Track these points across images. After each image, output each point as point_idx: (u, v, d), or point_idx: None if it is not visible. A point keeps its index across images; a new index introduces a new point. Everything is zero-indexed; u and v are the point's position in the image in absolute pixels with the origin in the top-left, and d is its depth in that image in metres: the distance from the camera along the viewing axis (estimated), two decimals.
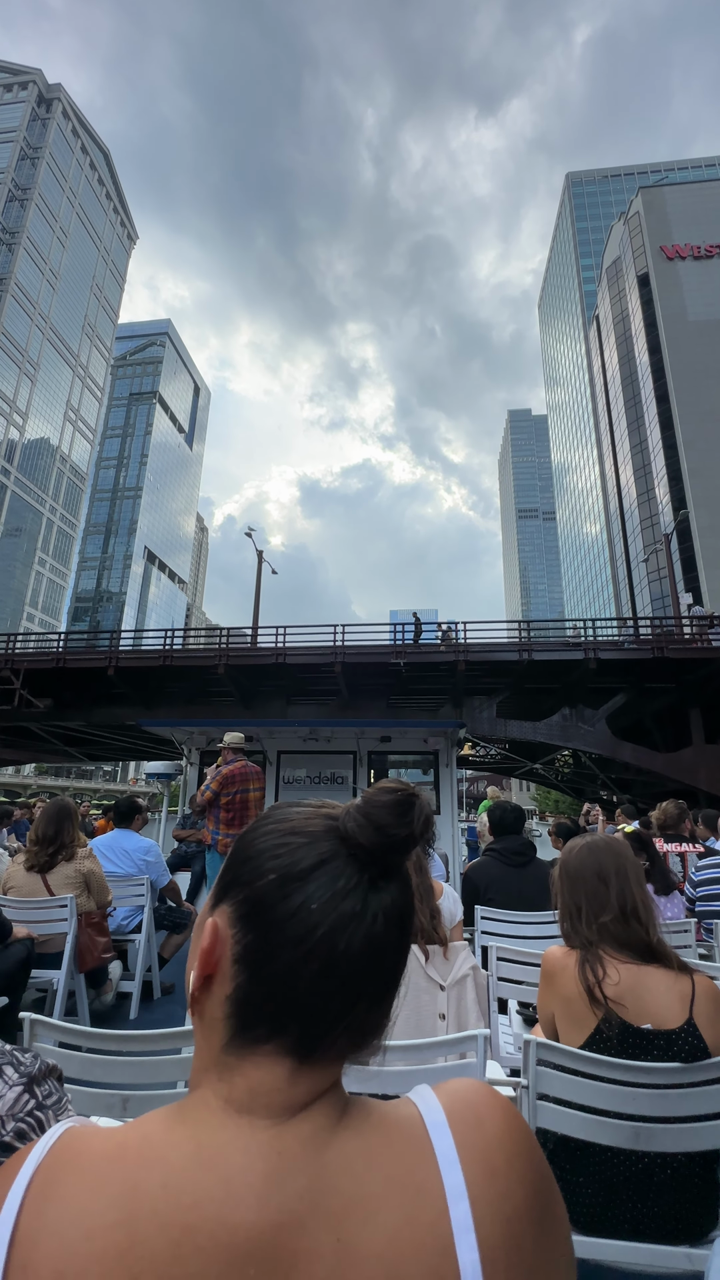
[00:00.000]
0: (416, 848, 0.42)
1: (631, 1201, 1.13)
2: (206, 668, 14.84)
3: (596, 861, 1.32)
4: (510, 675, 14.61)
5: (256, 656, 15.17)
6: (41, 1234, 0.33)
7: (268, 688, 15.87)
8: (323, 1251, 0.33)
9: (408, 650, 14.87)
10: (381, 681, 15.25)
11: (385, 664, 14.63)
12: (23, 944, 2.54)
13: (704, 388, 46.73)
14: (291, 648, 15.12)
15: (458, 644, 14.67)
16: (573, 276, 77.86)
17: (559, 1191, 0.39)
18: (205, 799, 4.06)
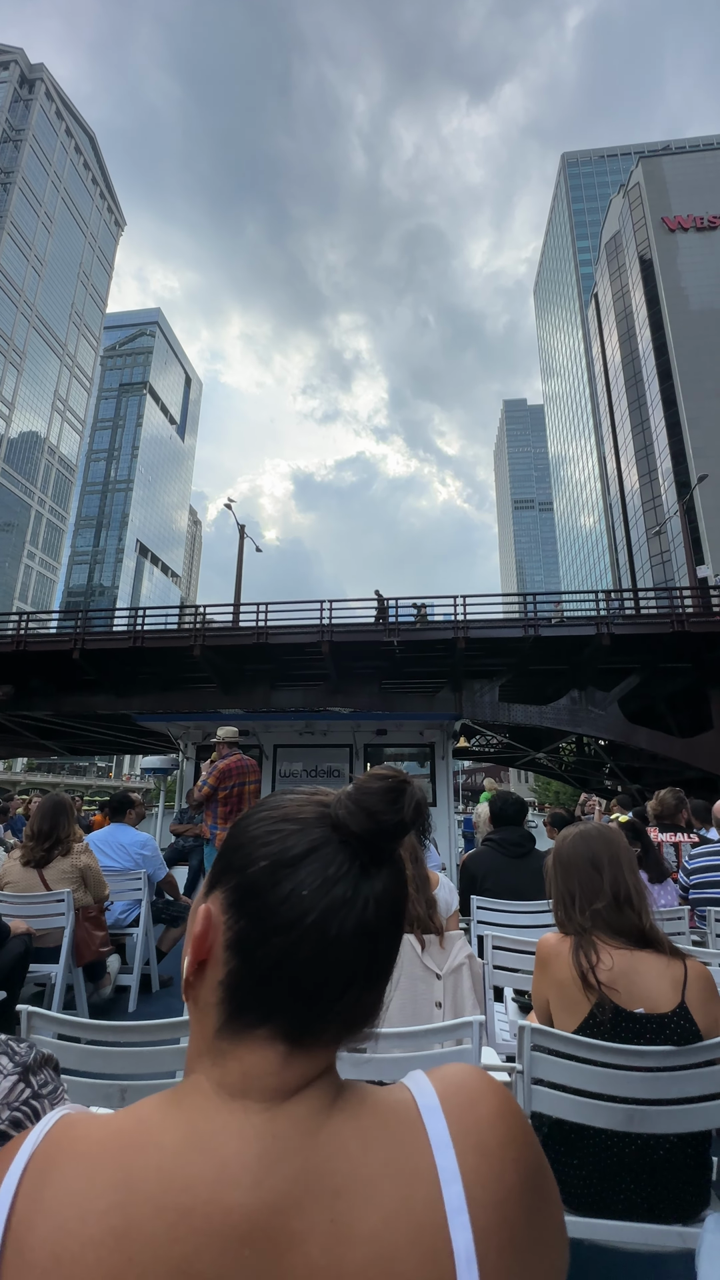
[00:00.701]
0: (411, 836, 0.42)
1: (626, 1182, 1.15)
2: (181, 649, 13.46)
3: (590, 849, 1.33)
4: (514, 655, 13.34)
5: (235, 636, 13.91)
6: (37, 1219, 0.33)
7: (251, 671, 14.59)
8: (317, 1232, 0.33)
9: (401, 628, 13.48)
10: (373, 664, 14.14)
11: (377, 643, 13.34)
12: (20, 939, 2.55)
13: (708, 364, 45.01)
14: (275, 627, 13.71)
15: (457, 621, 13.24)
16: (569, 259, 76.59)
17: (551, 1173, 0.39)
18: (203, 794, 4.05)
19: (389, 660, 13.98)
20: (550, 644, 13.10)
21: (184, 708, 14.16)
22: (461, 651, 12.80)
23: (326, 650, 12.97)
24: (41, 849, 2.87)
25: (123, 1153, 0.35)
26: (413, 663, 14.29)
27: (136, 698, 14.59)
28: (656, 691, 14.50)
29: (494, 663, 13.81)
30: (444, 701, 13.73)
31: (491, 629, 13.41)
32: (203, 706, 14.10)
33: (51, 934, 2.77)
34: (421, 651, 13.71)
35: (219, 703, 14.08)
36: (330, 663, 13.28)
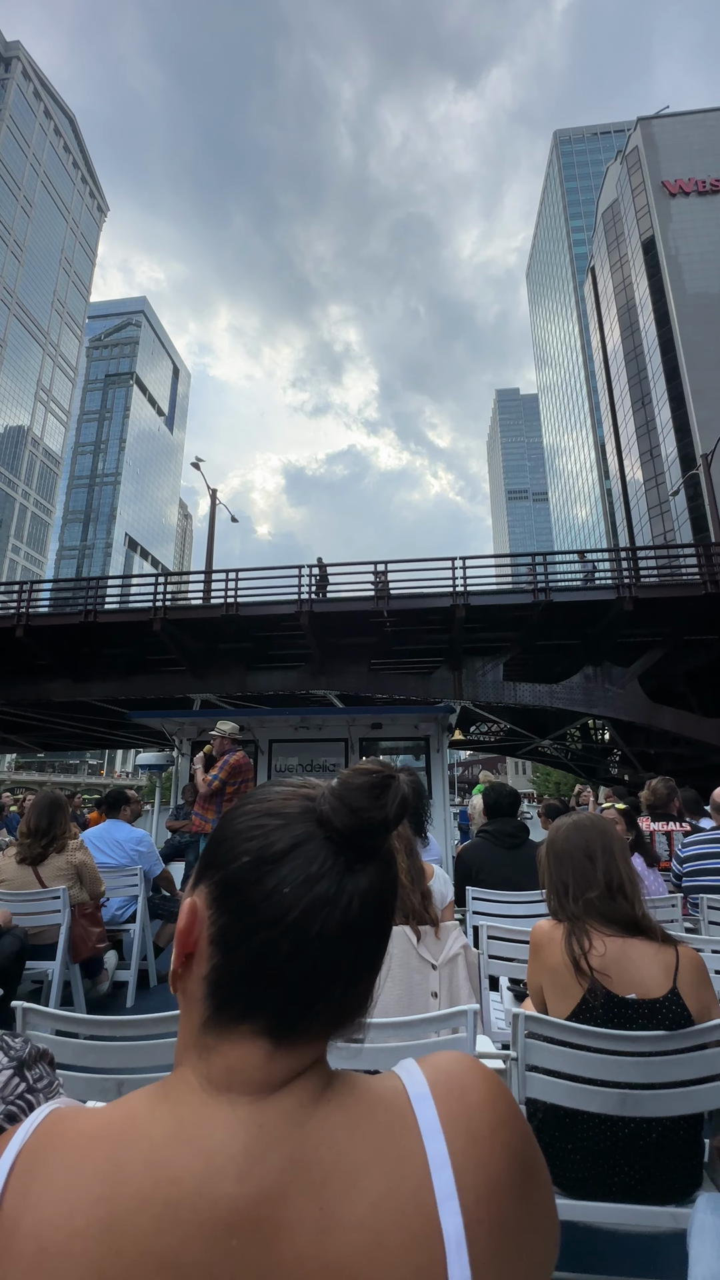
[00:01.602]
0: (406, 828, 0.42)
1: (620, 1165, 1.17)
2: (140, 625, 11.83)
3: (583, 839, 1.35)
4: (520, 627, 11.77)
5: (201, 609, 12.28)
6: (24, 1212, 0.33)
7: (224, 652, 12.83)
8: (305, 1221, 0.33)
9: (393, 596, 11.65)
10: (361, 640, 12.42)
11: (364, 615, 11.69)
12: (15, 936, 2.55)
13: (712, 332, 42.44)
14: (248, 599, 11.98)
15: (455, 588, 11.36)
16: (562, 239, 75.25)
17: (542, 1157, 0.40)
18: (214, 788, 4.01)
19: (378, 636, 12.35)
20: (563, 611, 11.36)
21: (151, 693, 12.64)
22: (461, 621, 11.01)
23: (306, 623, 11.13)
24: (37, 846, 2.86)
25: (110, 1146, 0.35)
26: (405, 638, 12.61)
27: (96, 683, 12.85)
28: (675, 668, 12.59)
29: (496, 638, 12.14)
30: (441, 682, 11.90)
31: (494, 595, 11.76)
32: (171, 692, 12.60)
33: (48, 931, 2.77)
34: (415, 624, 12.07)
35: (189, 686, 12.40)
36: (312, 639, 11.47)
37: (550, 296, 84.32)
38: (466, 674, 12.02)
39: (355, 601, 12.05)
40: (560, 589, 11.76)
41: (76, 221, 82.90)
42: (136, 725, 14.35)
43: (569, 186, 75.32)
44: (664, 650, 11.57)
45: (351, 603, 12.01)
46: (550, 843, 1.40)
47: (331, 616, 11.78)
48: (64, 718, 15.56)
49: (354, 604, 11.97)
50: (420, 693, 11.84)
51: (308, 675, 12.30)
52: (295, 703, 13.78)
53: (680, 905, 2.56)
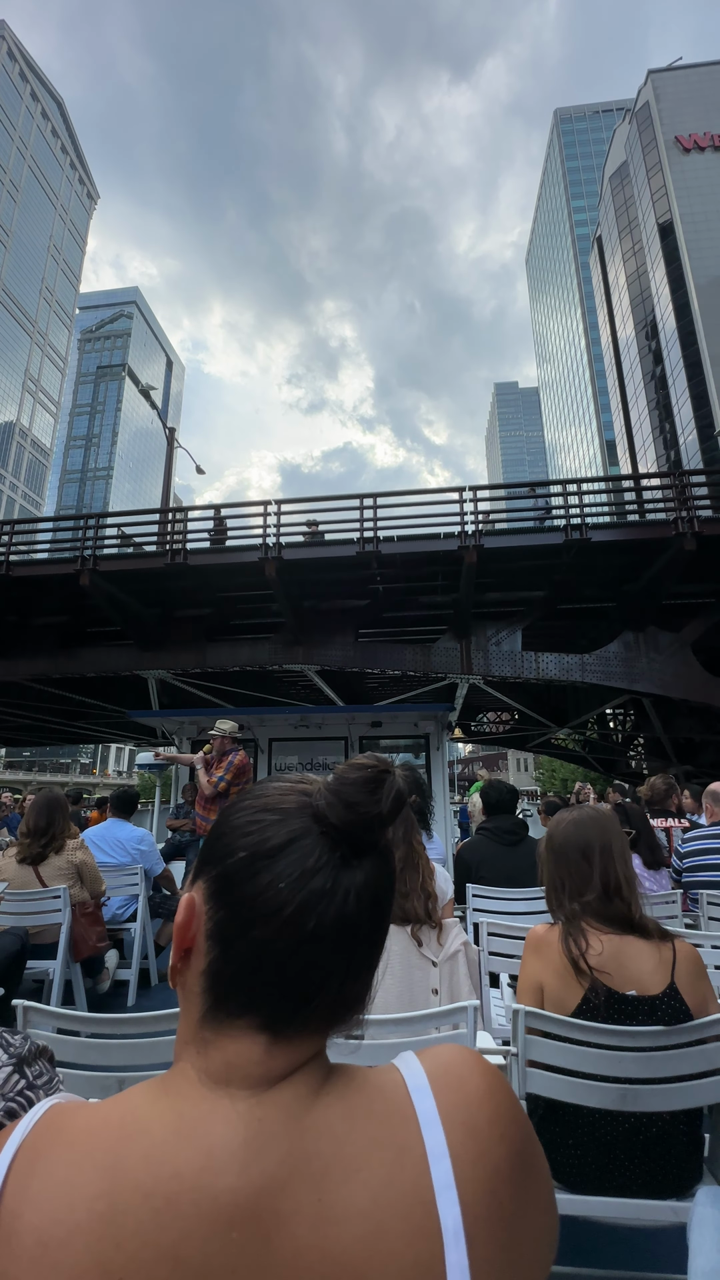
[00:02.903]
0: (409, 826, 0.42)
1: (620, 1160, 1.18)
2: (65, 580, 9.05)
3: (582, 838, 1.34)
4: (544, 581, 9.25)
5: (139, 559, 9.51)
6: (25, 1206, 0.33)
7: (182, 621, 10.24)
8: (304, 1213, 0.33)
9: (385, 540, 8.86)
10: (345, 603, 9.95)
11: (348, 565, 8.93)
12: (16, 935, 2.55)
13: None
14: (201, 547, 9.36)
15: (465, 530, 8.47)
16: (564, 221, 73.24)
17: (541, 1150, 0.40)
18: (220, 789, 3.99)
19: (367, 598, 9.81)
20: (601, 557, 8.67)
21: (89, 670, 10.07)
22: (471, 571, 8.20)
23: (273, 575, 8.45)
24: (37, 846, 2.86)
25: (110, 1140, 0.36)
26: (401, 603, 10.11)
27: (24, 661, 10.22)
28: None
29: (513, 600, 9.72)
30: (445, 654, 9.18)
31: (515, 536, 8.95)
32: (115, 669, 10.04)
33: (48, 930, 2.78)
34: (413, 578, 9.40)
35: (137, 663, 9.85)
36: (283, 600, 8.91)
37: (552, 280, 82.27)
38: (476, 644, 9.17)
39: (336, 546, 9.01)
40: (600, 526, 8.72)
41: (65, 208, 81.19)
42: (102, 717, 13.27)
43: (570, 165, 73.28)
44: None
45: (331, 547, 9.07)
46: (549, 838, 1.40)
47: (306, 567, 9.01)
48: (20, 709, 12.75)
49: (334, 549, 9.00)
50: (419, 666, 9.21)
51: (280, 647, 9.55)
52: (269, 682, 12.08)
53: (680, 901, 2.58)
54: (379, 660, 9.57)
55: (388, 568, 9.16)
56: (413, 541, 8.97)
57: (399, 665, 9.49)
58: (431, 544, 8.83)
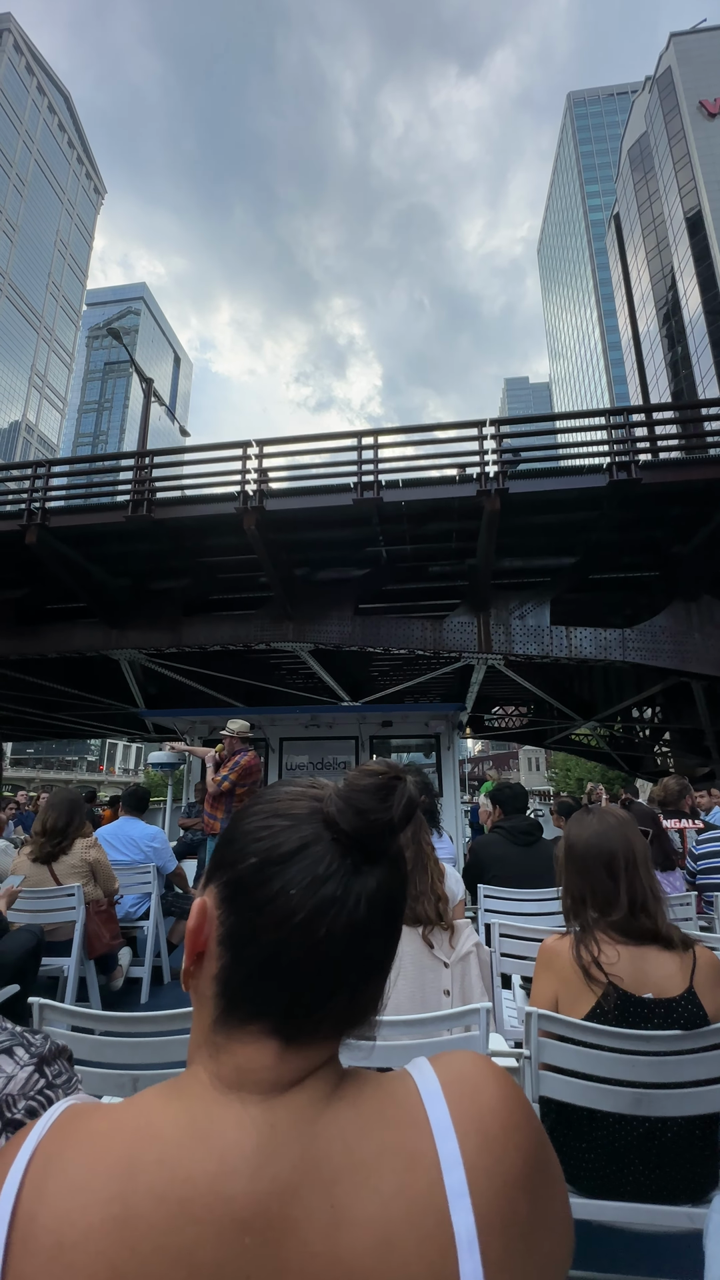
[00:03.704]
0: (424, 838, 0.41)
1: (634, 1165, 1.17)
2: (11, 538, 7.43)
3: (606, 849, 1.29)
4: (575, 546, 7.60)
5: (97, 512, 7.76)
6: (41, 1207, 0.34)
7: (158, 594, 8.66)
8: (316, 1218, 0.33)
9: (388, 486, 7.06)
10: (344, 572, 8.38)
11: (342, 518, 7.29)
12: (31, 932, 2.58)
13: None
14: (171, 498, 7.53)
15: (487, 473, 6.71)
16: (578, 207, 71.18)
17: (556, 1158, 0.40)
18: (224, 789, 4.02)
19: (369, 564, 8.21)
20: (652, 505, 6.93)
21: (48, 649, 8.59)
22: (493, 522, 6.57)
23: (252, 530, 6.78)
24: (52, 844, 2.89)
25: (124, 1144, 0.36)
26: (406, 571, 8.35)
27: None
28: None
29: (539, 568, 8.03)
30: (460, 630, 7.62)
31: (547, 480, 7.10)
32: (77, 649, 8.52)
33: (63, 928, 2.81)
34: (422, 534, 7.58)
35: (103, 641, 8.37)
36: (268, 564, 7.23)
37: (565, 271, 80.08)
38: (496, 618, 7.55)
39: (329, 495, 7.23)
40: (653, 465, 6.71)
41: (72, 203, 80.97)
42: (86, 708, 12.12)
43: (584, 150, 70.98)
44: None
45: (322, 495, 7.27)
46: (570, 845, 1.35)
47: (294, 522, 7.28)
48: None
49: (326, 497, 7.23)
50: (429, 644, 7.63)
51: (267, 623, 7.96)
52: (261, 668, 10.80)
53: (695, 903, 2.56)
54: (382, 637, 7.76)
55: (391, 523, 7.44)
56: (421, 487, 7.13)
57: (406, 643, 7.76)
58: (444, 489, 7.02)
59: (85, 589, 8.15)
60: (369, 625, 7.92)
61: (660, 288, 46.26)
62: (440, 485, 7.20)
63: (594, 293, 66.40)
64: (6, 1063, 0.48)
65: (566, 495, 7.03)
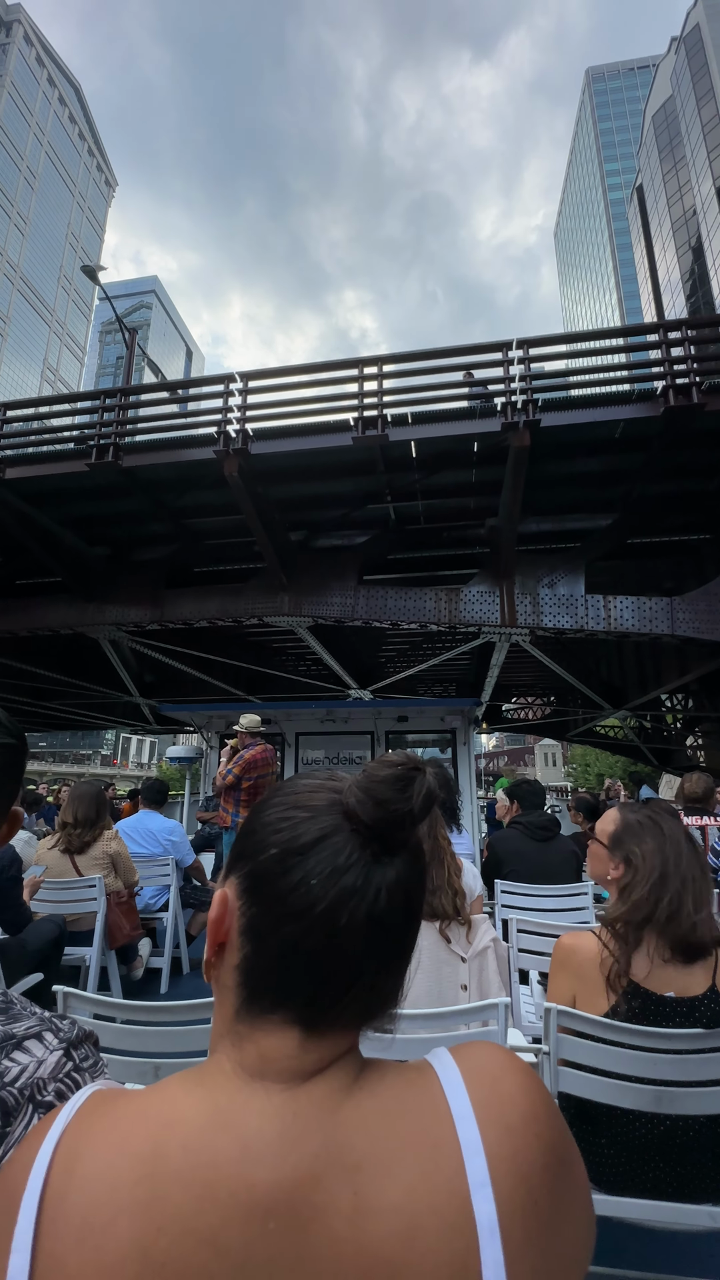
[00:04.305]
0: (440, 830, 0.41)
1: (654, 1162, 1.17)
2: None
3: (663, 870, 1.23)
4: (612, 501, 6.46)
5: (55, 461, 6.51)
6: (70, 1189, 0.35)
7: (136, 562, 7.66)
8: (339, 1205, 0.34)
9: (394, 423, 5.80)
10: (346, 536, 7.27)
11: (342, 470, 6.28)
12: (54, 922, 2.63)
13: None
14: (144, 440, 6.34)
15: (513, 402, 5.33)
16: (596, 187, 69.20)
17: (576, 1149, 0.40)
18: (227, 782, 4.07)
19: (372, 523, 7.10)
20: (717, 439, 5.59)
21: (18, 627, 7.50)
22: (520, 462, 5.32)
23: (235, 477, 5.68)
24: (75, 836, 2.95)
25: (150, 1128, 0.37)
26: (417, 536, 7.16)
27: None
28: None
29: (565, 533, 6.86)
30: (479, 601, 6.44)
31: (587, 411, 5.61)
32: (50, 626, 7.38)
33: (85, 918, 2.87)
34: (434, 493, 6.61)
35: (77, 618, 7.26)
36: (257, 523, 6.06)
37: (583, 255, 78.03)
38: (522, 586, 6.35)
39: (324, 435, 5.91)
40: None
41: (83, 195, 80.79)
42: (78, 697, 10.95)
43: (604, 127, 68.99)
44: None
45: (316, 437, 5.93)
46: (629, 855, 1.27)
47: (284, 471, 6.16)
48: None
49: (321, 438, 5.92)
50: (444, 617, 6.48)
51: (260, 595, 6.83)
52: (258, 651, 9.80)
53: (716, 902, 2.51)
54: (390, 610, 6.54)
55: (399, 471, 6.25)
56: (434, 424, 5.80)
57: (417, 616, 6.51)
58: (461, 425, 5.66)
59: (56, 558, 6.97)
60: (374, 597, 6.66)
61: (686, 260, 44.48)
62: (457, 421, 5.78)
63: (614, 275, 64.67)
64: (36, 1047, 0.49)
65: (607, 433, 5.71)
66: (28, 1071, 0.47)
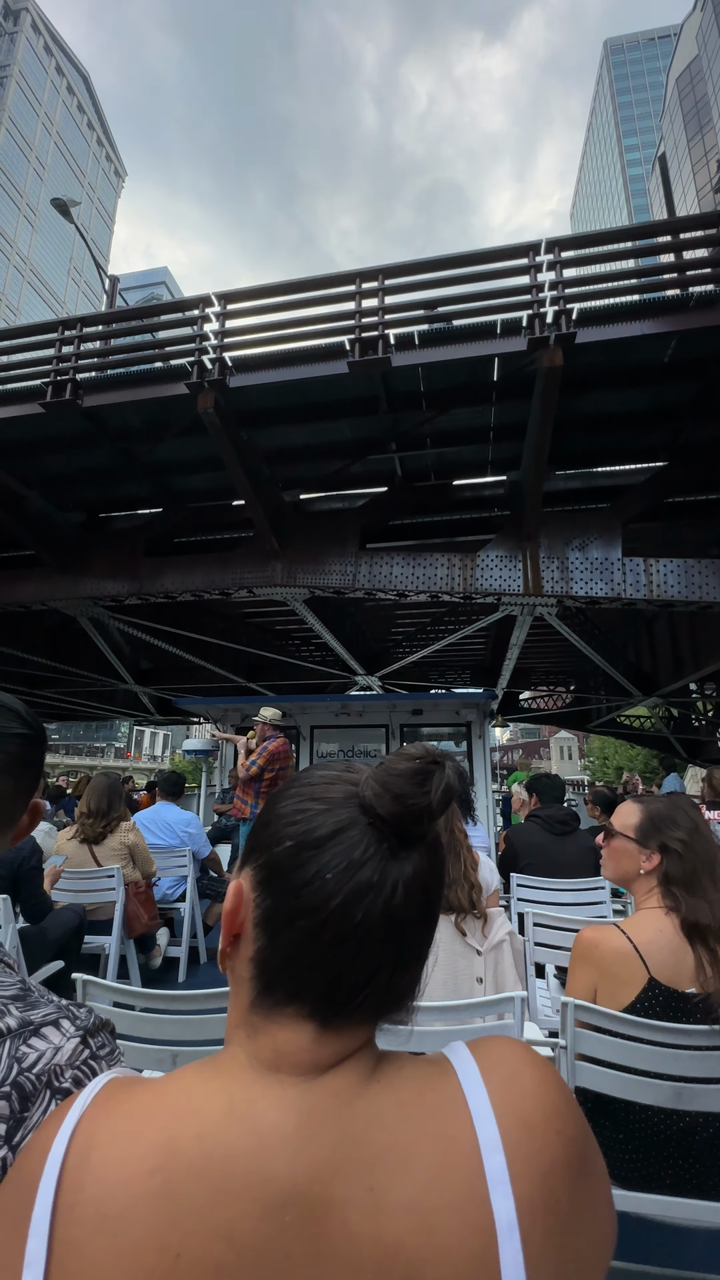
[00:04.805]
0: (457, 824, 0.39)
1: (672, 1158, 1.16)
2: None
3: (706, 851, 1.23)
4: (654, 445, 5.63)
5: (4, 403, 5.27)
6: (86, 1177, 0.35)
7: (115, 531, 6.89)
8: (356, 1200, 0.34)
9: (401, 346, 4.52)
10: (346, 497, 6.37)
11: (337, 409, 5.26)
12: (75, 911, 2.69)
13: None
14: (104, 376, 5.20)
15: (540, 314, 4.15)
16: (614, 163, 66.72)
17: (597, 1147, 0.39)
18: (251, 773, 4.07)
19: (374, 472, 6.18)
20: None
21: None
22: (550, 386, 4.15)
23: (210, 413, 4.61)
24: (94, 827, 3.00)
25: (164, 1118, 0.37)
26: (427, 496, 6.23)
27: None
28: None
29: (596, 491, 5.99)
30: (498, 566, 5.39)
31: (631, 325, 4.26)
32: (21, 601, 6.59)
33: (104, 908, 2.91)
34: (447, 436, 5.61)
35: (49, 591, 6.44)
36: (240, 471, 4.97)
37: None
38: (549, 549, 5.31)
39: (313, 360, 4.79)
40: None
41: (93, 185, 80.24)
42: (70, 684, 10.23)
43: (622, 100, 66.26)
44: None
45: (303, 364, 4.81)
46: (682, 840, 1.28)
47: (268, 413, 5.27)
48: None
49: (311, 367, 4.80)
50: (458, 585, 5.45)
51: (249, 563, 5.85)
52: (252, 632, 8.88)
53: None
54: (395, 579, 5.48)
55: (405, 409, 5.17)
56: (445, 346, 4.61)
57: (427, 584, 5.45)
58: (479, 346, 4.55)
59: (22, 524, 6.08)
60: (378, 564, 5.57)
61: None
62: (473, 341, 4.56)
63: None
64: (54, 1034, 0.49)
65: (655, 354, 4.59)
66: (45, 1058, 0.47)
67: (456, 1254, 0.32)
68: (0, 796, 0.58)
